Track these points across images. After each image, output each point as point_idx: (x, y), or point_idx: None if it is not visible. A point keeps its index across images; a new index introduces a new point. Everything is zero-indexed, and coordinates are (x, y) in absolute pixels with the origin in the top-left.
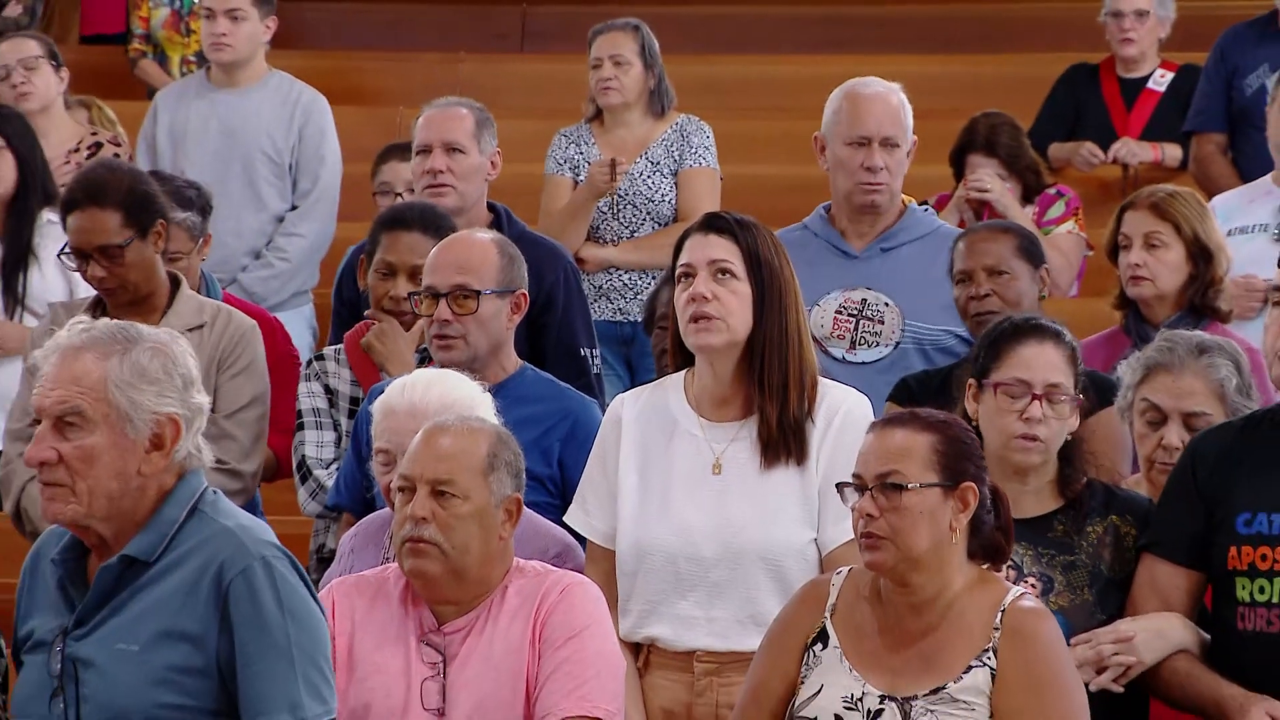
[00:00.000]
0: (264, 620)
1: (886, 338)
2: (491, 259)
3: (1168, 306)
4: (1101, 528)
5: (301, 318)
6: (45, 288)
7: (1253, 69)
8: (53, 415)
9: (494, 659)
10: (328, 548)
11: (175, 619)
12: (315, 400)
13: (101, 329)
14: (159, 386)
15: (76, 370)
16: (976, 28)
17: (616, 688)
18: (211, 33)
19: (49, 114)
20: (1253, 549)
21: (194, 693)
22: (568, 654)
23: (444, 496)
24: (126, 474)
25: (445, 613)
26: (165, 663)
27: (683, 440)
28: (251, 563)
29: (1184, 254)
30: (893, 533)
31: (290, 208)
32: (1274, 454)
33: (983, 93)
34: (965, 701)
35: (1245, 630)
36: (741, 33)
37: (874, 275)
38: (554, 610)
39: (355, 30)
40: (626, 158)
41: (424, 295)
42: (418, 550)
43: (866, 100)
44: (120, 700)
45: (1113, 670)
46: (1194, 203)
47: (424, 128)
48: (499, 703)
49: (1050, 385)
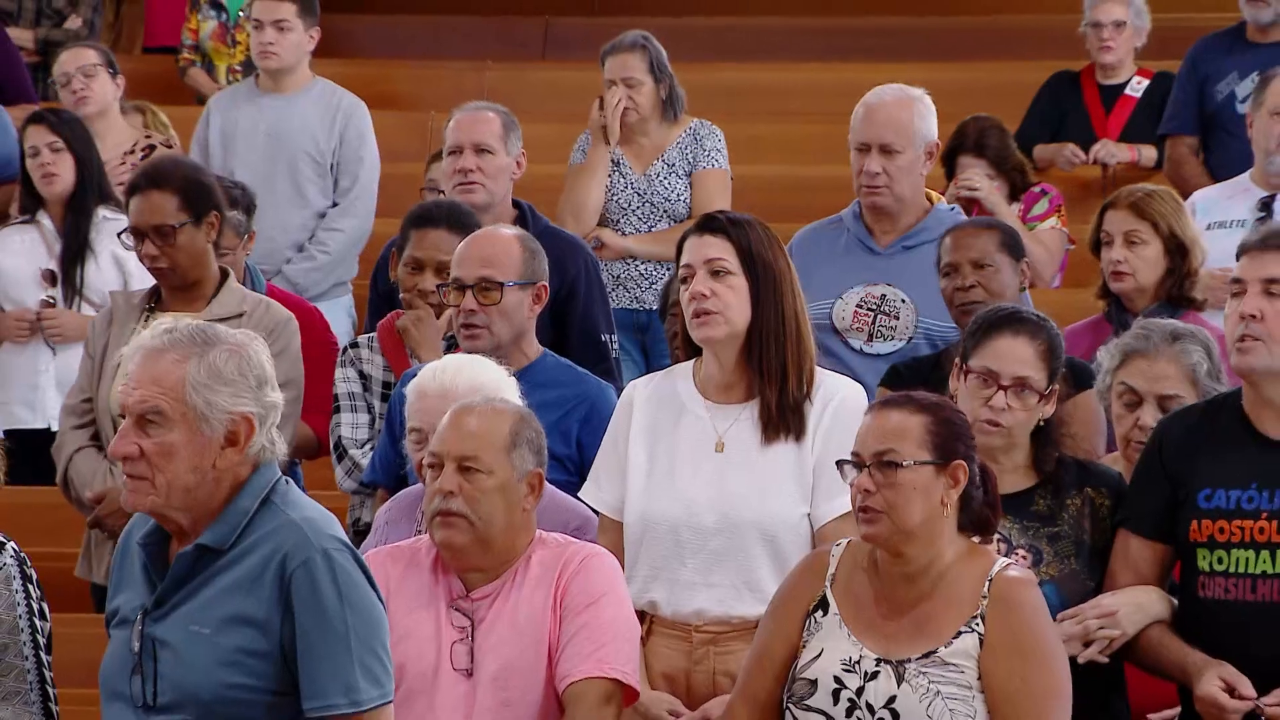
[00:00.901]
0: (323, 609)
1: (901, 332)
2: (515, 253)
3: (1147, 298)
4: (1079, 500)
5: (341, 307)
6: (101, 280)
7: (1222, 76)
8: (135, 413)
9: (518, 624)
10: (363, 521)
11: (243, 605)
12: (350, 385)
13: (182, 331)
14: (234, 388)
15: (157, 371)
16: (967, 38)
17: (632, 651)
18: (260, 42)
19: (106, 118)
20: (1212, 522)
21: (259, 674)
22: (586, 619)
23: (470, 472)
24: (202, 468)
25: (473, 580)
26: (233, 645)
27: (689, 421)
28: (313, 555)
29: (1161, 250)
30: (888, 507)
31: (331, 204)
32: (1233, 435)
33: (972, 98)
34: (955, 664)
35: (1206, 598)
36: (751, 43)
37: (895, 272)
38: (574, 578)
39: (391, 41)
40: (642, 163)
41: (452, 287)
42: (447, 522)
43: (871, 109)
44: (192, 679)
45: (1099, 643)
46: (1171, 201)
47: (455, 130)
48: (523, 664)
49: (1016, 378)
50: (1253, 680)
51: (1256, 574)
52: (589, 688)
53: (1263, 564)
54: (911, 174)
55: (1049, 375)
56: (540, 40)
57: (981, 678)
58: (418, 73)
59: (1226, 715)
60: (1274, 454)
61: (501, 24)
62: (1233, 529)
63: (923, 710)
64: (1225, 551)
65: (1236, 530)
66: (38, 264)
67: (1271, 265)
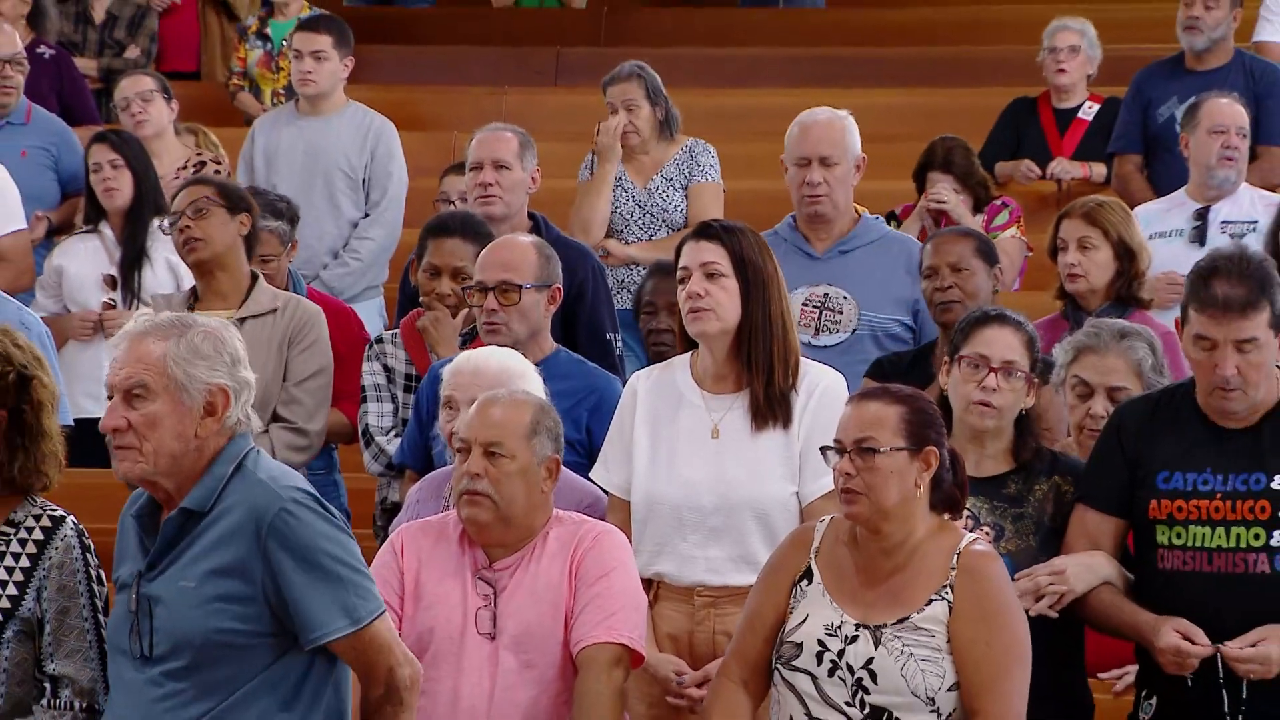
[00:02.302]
0: (303, 549)
1: (845, 326)
2: (531, 258)
3: (1099, 298)
4: (1046, 486)
5: (373, 308)
6: (156, 283)
7: (1164, 100)
8: (121, 389)
9: (537, 592)
10: (390, 500)
11: (223, 557)
12: (376, 377)
13: (162, 319)
14: (210, 362)
15: (140, 351)
16: (936, 67)
17: (639, 620)
18: (299, 70)
19: (161, 139)
20: (1170, 501)
21: (244, 618)
22: (599, 590)
23: (494, 456)
24: (185, 436)
25: (495, 552)
26: (216, 593)
27: (687, 409)
28: (284, 504)
29: (1111, 254)
30: (867, 488)
31: (363, 215)
32: (1188, 424)
33: (941, 120)
34: (926, 629)
35: (1164, 569)
36: (742, 71)
37: (834, 274)
38: (588, 553)
39: (418, 68)
40: (643, 177)
41: (475, 289)
42: (472, 500)
43: (807, 127)
44: (182, 627)
45: (1049, 598)
46: (1120, 211)
47: (476, 148)
48: (541, 628)
49: (1006, 361)
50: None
51: (1212, 548)
52: (600, 652)
53: (1217, 539)
54: (845, 184)
55: (1031, 364)
56: (553, 68)
57: (950, 641)
58: (442, 97)
59: (1188, 661)
60: (1226, 442)
61: (518, 54)
62: (1190, 508)
63: (897, 671)
64: (1183, 528)
65: (1194, 509)
66: (100, 269)
67: (1242, 328)
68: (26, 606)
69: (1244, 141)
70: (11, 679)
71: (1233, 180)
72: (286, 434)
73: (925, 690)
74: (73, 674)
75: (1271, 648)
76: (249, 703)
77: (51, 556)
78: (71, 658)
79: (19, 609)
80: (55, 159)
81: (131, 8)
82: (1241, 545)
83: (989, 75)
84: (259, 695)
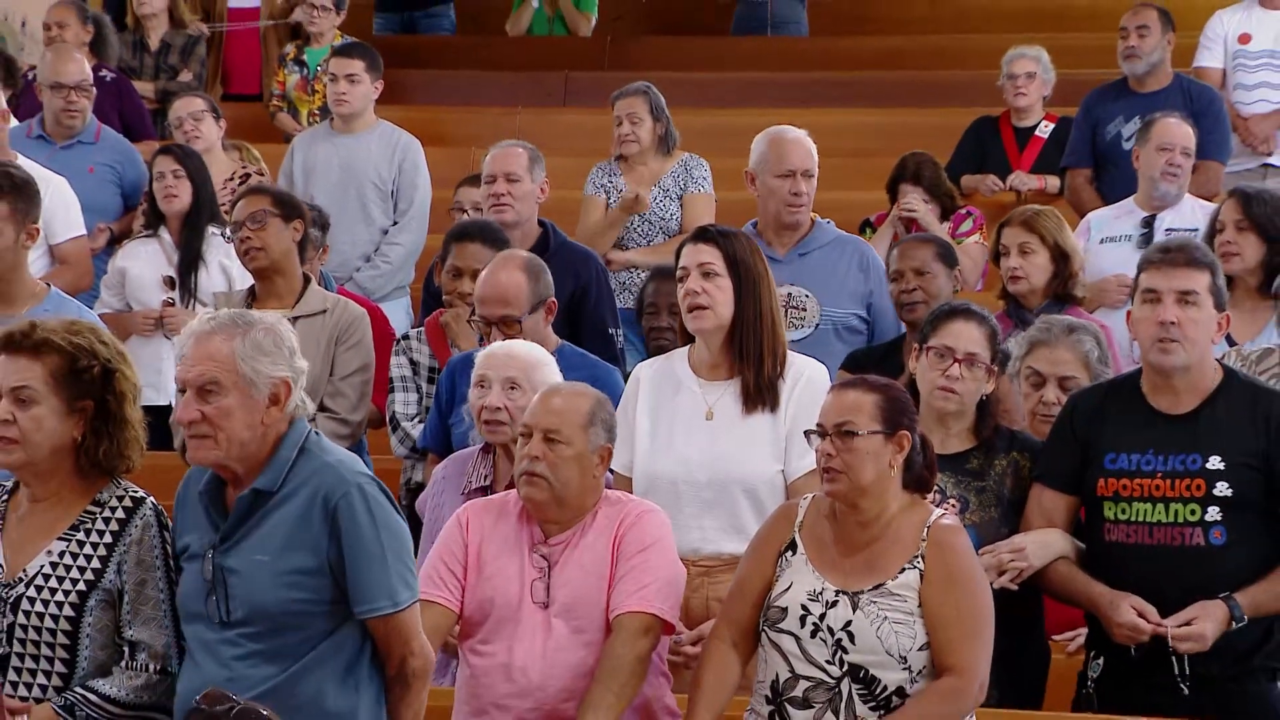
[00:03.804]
0: (362, 533)
1: (809, 321)
2: (523, 288)
3: (1038, 296)
4: (1006, 462)
5: (401, 307)
6: (210, 284)
7: (1110, 120)
8: (195, 385)
9: (585, 565)
10: (414, 480)
11: (295, 534)
12: (402, 370)
13: (222, 316)
14: (272, 357)
15: (209, 349)
16: (907, 89)
17: (672, 593)
18: (334, 92)
19: (211, 154)
20: (1115, 480)
21: (313, 589)
22: (636, 563)
23: (553, 442)
24: (254, 425)
25: (550, 529)
26: (290, 567)
27: (685, 394)
28: (350, 489)
29: (1048, 257)
30: (846, 468)
31: (392, 223)
32: (1133, 410)
33: (911, 137)
34: (899, 595)
35: (1110, 541)
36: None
37: (795, 274)
38: (630, 529)
39: (441, 90)
40: (644, 188)
41: (480, 322)
42: (531, 481)
43: (790, 144)
44: (259, 597)
45: (1010, 573)
46: (1054, 218)
47: (490, 162)
48: (589, 599)
49: (968, 353)
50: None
51: (1153, 522)
52: (632, 620)
53: (1157, 514)
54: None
55: (992, 355)
56: (561, 90)
57: (921, 606)
58: (462, 116)
59: (1140, 635)
60: (1167, 427)
61: (530, 78)
62: (1133, 486)
63: (873, 632)
64: (1127, 504)
65: (1136, 487)
66: (159, 271)
67: (1185, 279)
68: (108, 578)
69: (1187, 160)
70: (94, 643)
71: (1174, 194)
72: (331, 423)
73: (898, 650)
74: (148, 639)
75: (1206, 625)
76: (318, 666)
77: (131, 534)
78: (148, 625)
79: (102, 581)
80: (119, 175)
81: (183, 36)
82: (1179, 520)
83: (955, 97)
84: (325, 658)
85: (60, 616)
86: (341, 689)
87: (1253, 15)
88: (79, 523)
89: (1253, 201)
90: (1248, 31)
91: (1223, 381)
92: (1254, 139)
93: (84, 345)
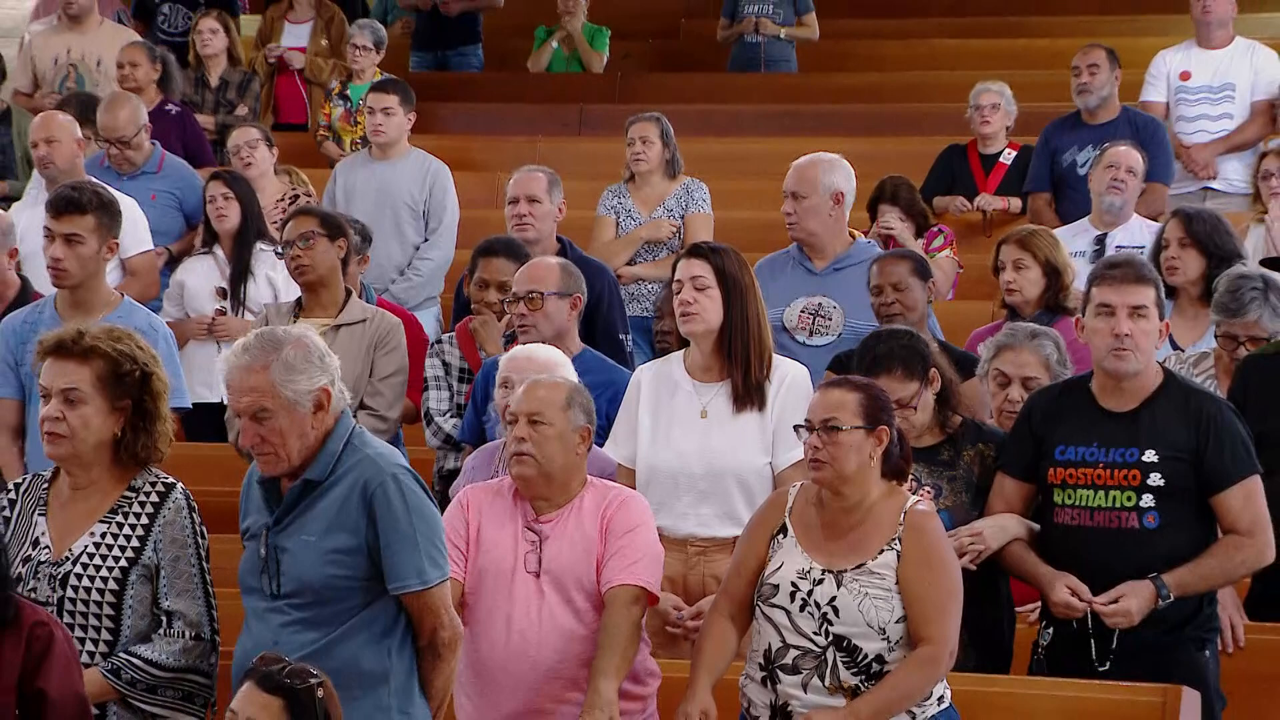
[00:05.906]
0: (396, 517)
1: (833, 330)
2: (555, 273)
3: (1031, 307)
4: (973, 452)
5: (431, 315)
6: (258, 295)
7: (1067, 148)
8: (247, 414)
9: (574, 540)
10: (446, 468)
11: (338, 517)
12: (435, 370)
13: (253, 343)
14: (306, 372)
15: (251, 381)
16: (885, 120)
17: (656, 568)
18: (372, 123)
19: (264, 178)
20: (1064, 469)
21: (351, 566)
22: (624, 542)
23: (537, 424)
24: (305, 433)
25: (541, 507)
26: (332, 546)
27: (681, 395)
28: (386, 479)
29: (1040, 272)
30: (831, 459)
31: (424, 240)
32: (1083, 408)
33: (889, 162)
34: (879, 573)
35: (1059, 523)
36: (730, 123)
37: (828, 287)
38: (617, 512)
39: (468, 121)
40: (649, 208)
41: (510, 299)
42: (519, 460)
43: (791, 169)
44: (305, 573)
45: (970, 555)
46: (1047, 237)
47: (513, 186)
48: (575, 569)
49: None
50: (1090, 581)
51: (1094, 507)
52: (623, 592)
53: (1098, 500)
54: (817, 214)
55: (920, 384)
56: (577, 121)
57: (899, 583)
58: (487, 144)
59: (1073, 612)
60: (1111, 423)
61: (548, 109)
62: (1079, 475)
63: (855, 606)
64: (1073, 490)
65: (1081, 476)
66: (213, 283)
67: (1136, 295)
68: (147, 555)
69: (1131, 178)
70: (136, 614)
71: (1118, 206)
72: (371, 420)
73: (878, 622)
74: (183, 609)
75: (1132, 603)
76: (354, 633)
77: (165, 515)
78: (182, 596)
79: (141, 557)
80: (180, 200)
81: (239, 74)
82: (1117, 505)
83: (927, 127)
84: (361, 628)
85: (105, 590)
86: (375, 654)
87: (1192, 55)
88: (117, 507)
89: (1193, 221)
90: (1188, 69)
91: (1162, 383)
92: (1195, 165)
93: (126, 351)
